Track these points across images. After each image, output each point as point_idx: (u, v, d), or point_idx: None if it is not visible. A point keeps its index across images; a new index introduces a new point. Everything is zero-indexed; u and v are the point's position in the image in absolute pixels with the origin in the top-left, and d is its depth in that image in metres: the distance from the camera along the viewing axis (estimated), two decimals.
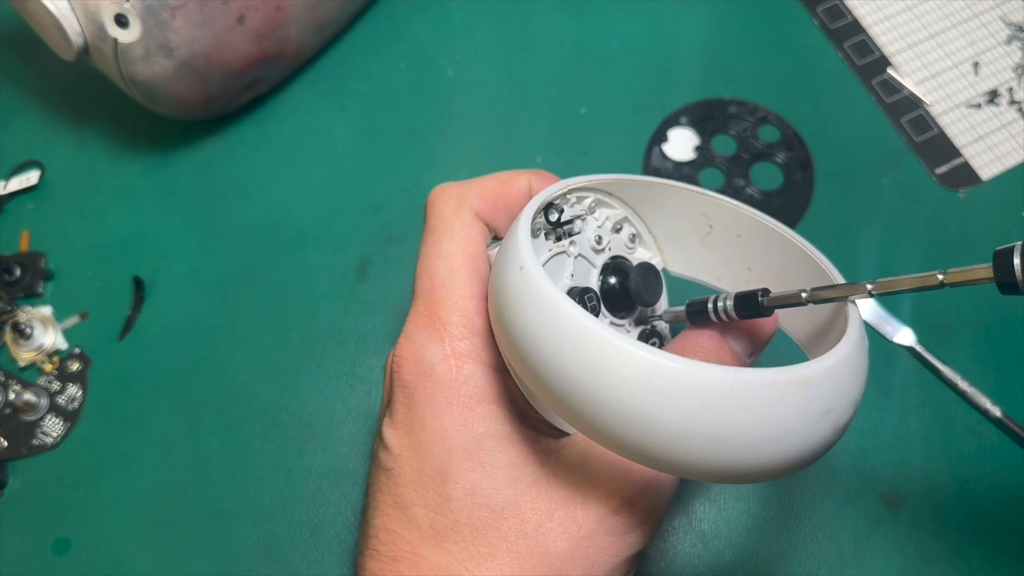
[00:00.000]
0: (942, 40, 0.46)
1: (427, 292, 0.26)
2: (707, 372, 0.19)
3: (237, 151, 0.46)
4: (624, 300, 0.27)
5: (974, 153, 0.44)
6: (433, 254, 0.27)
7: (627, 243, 0.29)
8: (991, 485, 0.36)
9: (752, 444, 0.20)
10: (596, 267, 0.28)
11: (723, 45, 0.47)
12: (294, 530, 0.37)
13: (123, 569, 0.37)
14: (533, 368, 0.22)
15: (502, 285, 0.23)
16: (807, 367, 0.20)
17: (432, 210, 0.28)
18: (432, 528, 0.24)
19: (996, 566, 0.35)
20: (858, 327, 0.22)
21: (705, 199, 0.29)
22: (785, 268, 0.27)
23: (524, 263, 0.22)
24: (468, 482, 0.24)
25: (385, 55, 0.47)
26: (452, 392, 0.25)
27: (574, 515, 0.24)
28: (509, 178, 0.28)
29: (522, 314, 0.22)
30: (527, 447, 0.25)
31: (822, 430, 0.20)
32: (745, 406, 0.19)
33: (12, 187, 0.45)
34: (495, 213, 0.28)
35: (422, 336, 0.25)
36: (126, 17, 0.36)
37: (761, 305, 0.23)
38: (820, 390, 0.20)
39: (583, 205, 0.28)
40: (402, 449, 0.25)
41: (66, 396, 0.41)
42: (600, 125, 0.45)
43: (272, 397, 0.40)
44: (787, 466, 0.21)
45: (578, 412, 0.21)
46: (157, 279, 0.43)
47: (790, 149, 0.44)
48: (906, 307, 0.40)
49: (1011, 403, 0.37)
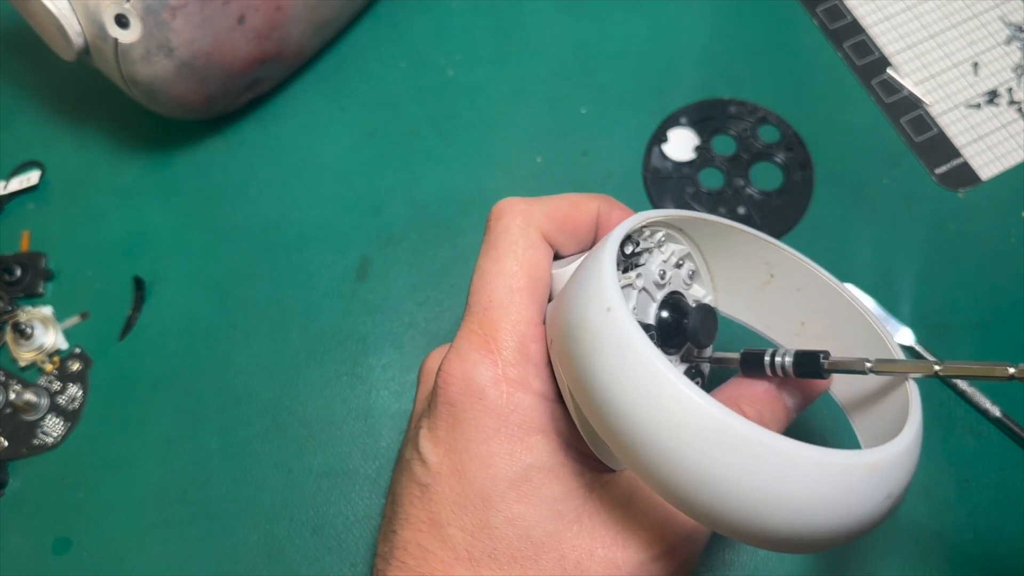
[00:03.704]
0: (942, 40, 0.46)
1: (483, 310, 0.26)
2: (785, 446, 0.19)
3: (237, 151, 0.46)
4: (677, 336, 0.27)
5: (974, 153, 0.44)
6: (494, 271, 0.26)
7: (685, 279, 0.29)
8: (991, 485, 0.36)
9: (814, 519, 0.20)
10: (655, 301, 0.27)
11: (723, 45, 0.47)
12: (294, 530, 0.37)
13: (123, 569, 0.37)
14: (604, 409, 0.21)
15: (582, 322, 0.22)
16: (879, 453, 0.20)
17: (497, 224, 0.27)
18: (468, 552, 0.24)
19: (996, 566, 0.35)
20: (919, 412, 0.23)
21: (772, 248, 0.28)
22: (839, 330, 0.27)
23: (612, 305, 0.22)
24: (511, 512, 0.24)
25: (385, 55, 0.47)
26: (501, 419, 0.24)
27: (614, 557, 0.24)
28: (579, 201, 0.28)
29: (603, 356, 0.21)
30: (572, 481, 0.25)
31: (882, 512, 0.21)
32: (816, 483, 0.20)
33: (12, 187, 0.45)
34: (561, 236, 0.27)
35: (474, 356, 0.25)
36: (126, 17, 0.36)
37: (821, 367, 0.23)
38: (886, 475, 0.21)
39: (654, 239, 0.27)
40: (442, 467, 0.25)
41: (66, 396, 0.41)
42: (600, 125, 0.45)
43: (272, 397, 0.40)
44: (840, 541, 0.21)
45: (645, 460, 0.21)
46: (157, 279, 0.43)
47: (790, 149, 0.44)
48: (906, 307, 0.40)
49: (1011, 403, 0.37)
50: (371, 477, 0.38)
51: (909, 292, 0.40)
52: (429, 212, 0.43)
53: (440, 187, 0.44)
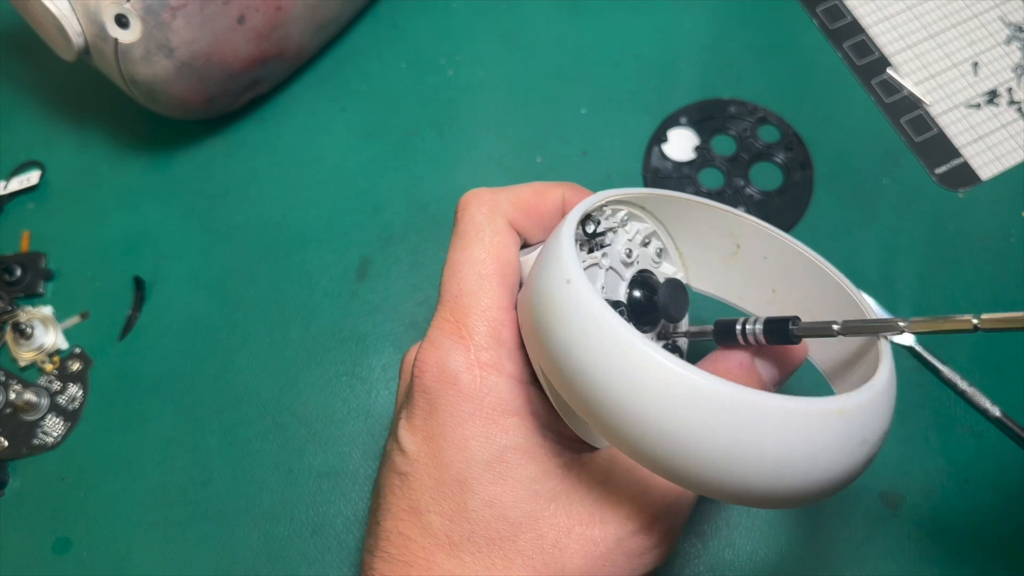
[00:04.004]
0: (942, 40, 0.46)
1: (454, 298, 0.26)
2: (753, 398, 0.19)
3: (237, 151, 0.46)
4: (649, 314, 0.27)
5: (973, 153, 0.44)
6: (462, 259, 0.26)
7: (654, 257, 0.29)
8: (991, 485, 0.36)
9: (789, 470, 0.20)
10: (624, 280, 0.28)
11: (723, 45, 0.47)
12: (294, 530, 0.37)
13: (123, 569, 0.37)
14: (573, 382, 0.22)
15: (545, 296, 0.23)
16: (847, 398, 0.21)
17: (464, 214, 0.27)
18: (447, 536, 0.24)
19: (996, 566, 0.35)
20: (890, 362, 0.23)
21: (734, 218, 0.29)
22: (810, 293, 0.27)
23: (571, 277, 0.22)
24: (487, 494, 0.24)
25: (385, 55, 0.47)
26: (475, 402, 0.25)
27: (592, 534, 0.24)
28: (544, 189, 0.28)
29: (567, 328, 0.22)
30: (548, 461, 0.25)
31: (856, 459, 0.21)
32: (787, 433, 0.20)
33: (12, 187, 0.45)
34: (527, 223, 0.28)
35: (447, 343, 0.25)
36: (127, 17, 0.36)
37: (791, 333, 0.24)
38: (858, 421, 0.21)
39: (616, 218, 0.28)
40: (420, 455, 0.25)
41: (67, 396, 0.41)
42: (600, 125, 0.45)
43: (272, 397, 0.40)
44: (819, 492, 0.21)
45: (619, 429, 0.21)
46: (157, 279, 0.43)
47: (790, 149, 0.44)
48: (906, 307, 0.40)
49: (1011, 403, 0.37)
50: (371, 477, 0.38)
51: (909, 292, 0.40)
52: (429, 212, 0.43)
53: (440, 187, 0.44)
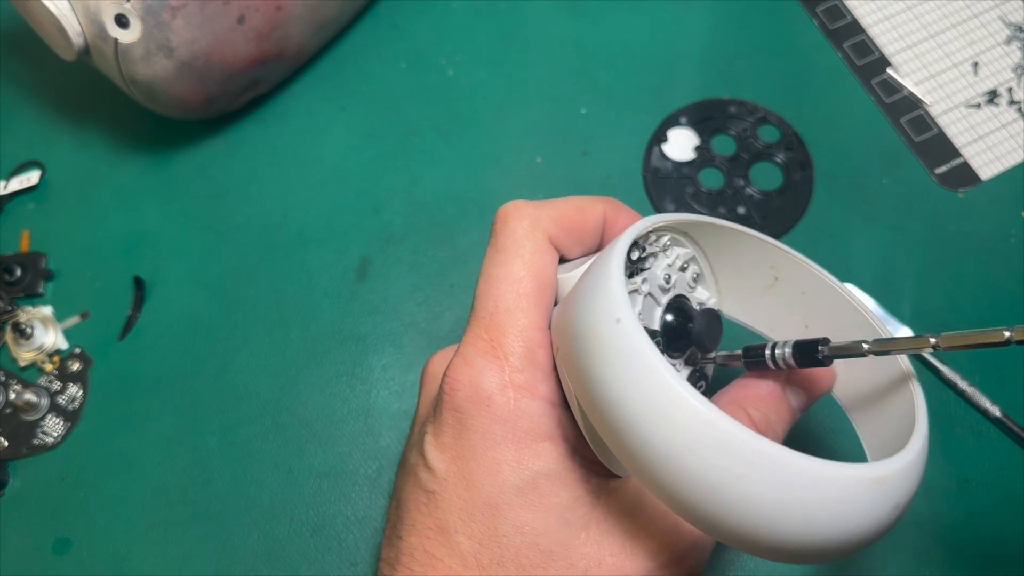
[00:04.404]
0: (942, 40, 0.46)
1: (490, 315, 0.25)
2: (794, 461, 0.19)
3: (237, 151, 0.46)
4: (681, 340, 0.27)
5: (974, 153, 0.44)
6: (501, 275, 0.26)
7: (690, 282, 0.29)
8: (991, 485, 0.36)
9: (822, 532, 0.20)
10: (660, 305, 0.27)
11: (723, 45, 0.47)
12: (294, 530, 0.37)
13: (123, 569, 0.37)
14: (611, 421, 0.21)
15: (589, 331, 0.22)
16: (886, 466, 0.20)
17: (503, 227, 0.27)
18: (476, 559, 0.24)
19: (996, 566, 0.35)
20: (926, 421, 0.23)
21: (777, 252, 0.28)
22: (843, 333, 0.27)
23: (621, 316, 0.22)
24: (519, 520, 0.24)
25: (385, 55, 0.47)
26: (508, 426, 0.24)
27: (623, 565, 0.24)
28: (585, 205, 0.28)
29: (612, 368, 0.21)
30: (579, 488, 0.24)
31: (888, 522, 0.21)
32: (824, 498, 0.20)
33: (12, 187, 0.45)
34: (567, 240, 0.27)
35: (480, 362, 0.25)
36: (127, 17, 0.36)
37: (821, 355, 0.23)
38: (894, 487, 0.20)
39: (659, 243, 0.27)
40: (448, 474, 0.25)
41: (67, 396, 0.41)
42: (600, 125, 0.45)
43: (272, 397, 0.40)
44: (846, 553, 0.21)
45: (655, 474, 0.21)
46: (157, 279, 0.43)
47: (790, 149, 0.44)
48: (906, 307, 0.40)
49: (1011, 403, 0.37)
50: (371, 477, 0.38)
51: (909, 292, 0.40)
52: (429, 212, 0.43)
53: (440, 187, 0.44)
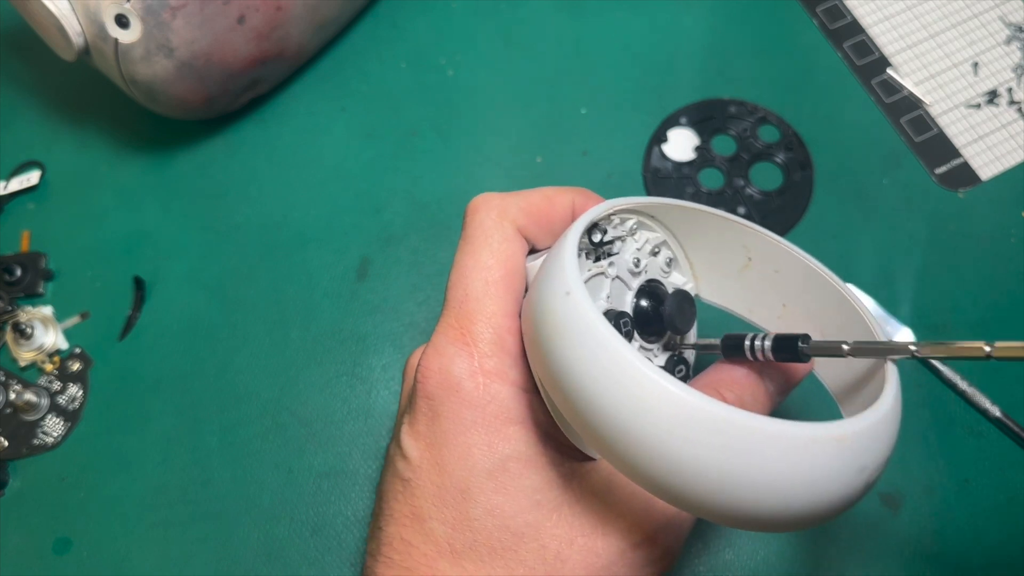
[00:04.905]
0: (942, 40, 0.46)
1: (459, 304, 0.26)
2: (751, 422, 0.19)
3: (237, 151, 0.46)
4: (655, 324, 0.27)
5: (974, 153, 0.44)
6: (469, 264, 0.26)
7: (663, 267, 0.29)
8: (991, 485, 0.36)
9: (786, 495, 0.20)
10: (631, 289, 0.27)
11: (723, 45, 0.47)
12: (294, 530, 0.37)
13: (123, 569, 0.37)
14: (569, 396, 0.21)
15: (544, 308, 0.22)
16: (846, 425, 0.20)
17: (472, 218, 0.27)
18: (449, 544, 0.24)
19: (996, 566, 0.35)
20: (895, 387, 0.22)
21: (747, 231, 0.28)
22: (820, 309, 0.27)
23: (571, 289, 0.22)
24: (489, 503, 0.24)
25: (385, 55, 0.47)
26: (478, 410, 0.25)
27: (594, 545, 0.24)
28: (553, 195, 0.28)
29: (564, 341, 0.21)
30: (551, 470, 0.25)
31: (855, 486, 0.21)
32: (784, 459, 0.19)
33: (12, 187, 0.45)
34: (536, 229, 0.27)
35: (451, 349, 0.25)
36: (127, 17, 0.36)
37: (801, 351, 0.23)
38: (857, 448, 0.20)
39: (625, 227, 0.27)
40: (422, 461, 0.25)
41: (67, 396, 0.41)
42: (600, 125, 0.45)
43: (272, 397, 0.40)
44: (815, 518, 0.21)
45: (613, 447, 0.21)
46: (157, 279, 0.43)
47: (790, 149, 0.44)
48: (906, 307, 0.40)
49: (1011, 403, 0.37)
50: (371, 477, 0.38)
51: (909, 292, 0.40)
52: (429, 212, 0.43)
53: (440, 187, 0.44)
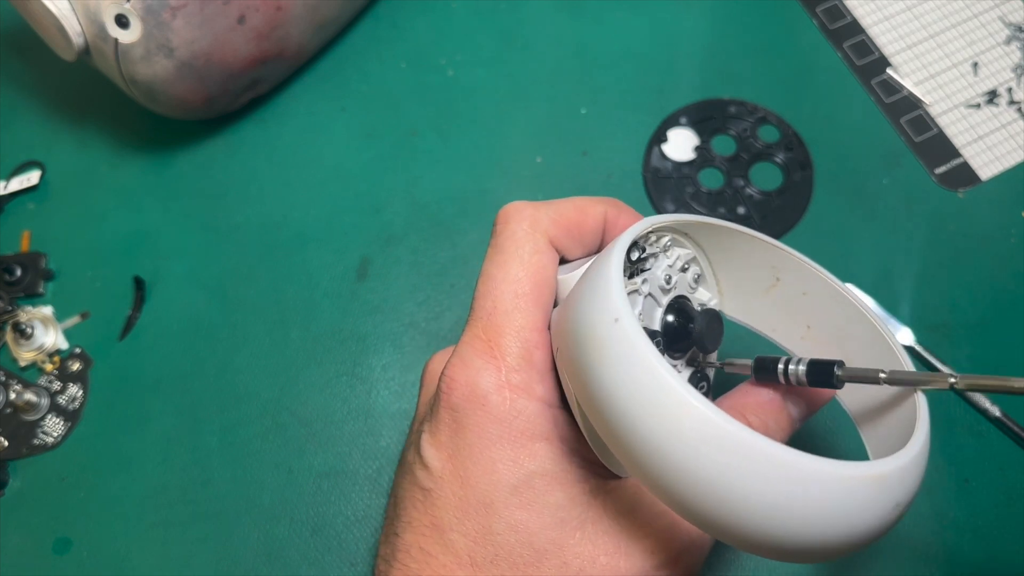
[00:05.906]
0: (941, 40, 0.46)
1: (488, 315, 0.25)
2: (792, 459, 0.19)
3: (237, 151, 0.46)
4: (682, 341, 0.27)
5: (973, 153, 0.44)
6: (499, 276, 0.26)
7: (691, 283, 0.29)
8: (991, 485, 0.36)
9: (820, 531, 0.20)
10: (661, 306, 0.27)
11: (723, 45, 0.47)
12: (294, 530, 0.37)
13: (123, 569, 0.37)
14: (611, 421, 0.21)
15: (590, 333, 0.22)
16: (886, 464, 0.20)
17: (503, 228, 0.27)
18: (470, 557, 0.24)
19: (996, 566, 0.35)
20: (927, 422, 0.22)
21: (778, 252, 0.28)
22: (845, 334, 0.27)
23: (620, 316, 0.22)
24: (513, 519, 0.24)
25: (385, 55, 0.47)
26: (504, 425, 0.24)
27: (617, 564, 0.24)
28: (586, 205, 0.28)
29: (610, 368, 0.21)
30: (575, 487, 0.24)
31: (889, 521, 0.21)
32: (824, 496, 0.20)
33: (12, 187, 0.45)
34: (567, 240, 0.27)
35: (478, 362, 0.25)
36: (127, 17, 0.36)
37: (837, 378, 0.23)
38: (894, 486, 0.20)
39: (660, 244, 0.27)
40: (444, 472, 0.25)
41: (67, 396, 0.41)
42: (600, 125, 0.45)
43: (272, 397, 0.40)
44: (847, 550, 0.21)
45: (655, 473, 0.21)
46: (157, 279, 0.43)
47: (789, 149, 0.44)
48: (906, 307, 0.40)
49: (1011, 403, 0.37)
50: (371, 477, 0.38)
51: (909, 292, 0.40)
52: (429, 212, 0.43)
53: (440, 187, 0.44)
